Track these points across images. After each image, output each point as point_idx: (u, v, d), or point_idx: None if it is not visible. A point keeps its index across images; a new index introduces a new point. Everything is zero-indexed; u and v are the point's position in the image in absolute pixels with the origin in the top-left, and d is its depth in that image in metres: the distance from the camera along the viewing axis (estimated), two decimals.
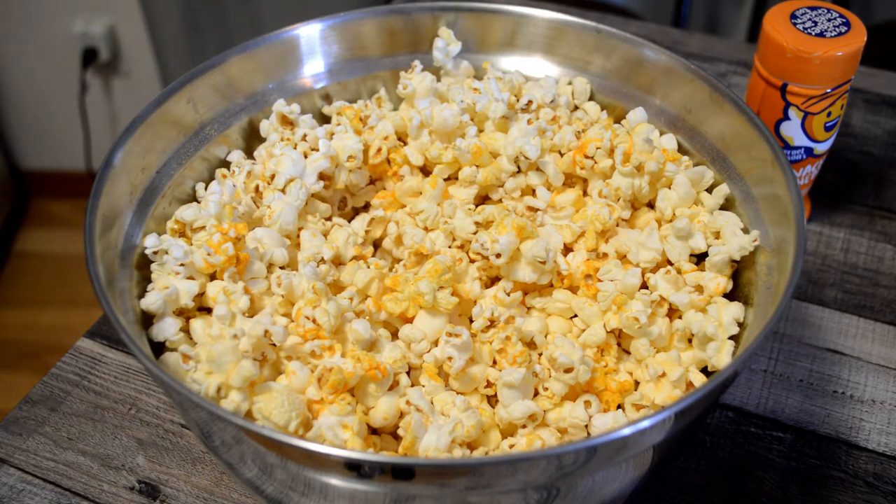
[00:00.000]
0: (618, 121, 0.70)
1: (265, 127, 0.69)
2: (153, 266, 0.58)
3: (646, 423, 0.44)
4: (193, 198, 0.65)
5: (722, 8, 1.95)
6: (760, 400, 0.69)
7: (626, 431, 0.43)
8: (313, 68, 0.72)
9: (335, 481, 0.47)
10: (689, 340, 0.59)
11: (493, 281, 0.62)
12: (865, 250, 0.82)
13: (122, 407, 0.68)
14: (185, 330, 0.57)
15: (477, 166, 0.65)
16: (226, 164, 0.68)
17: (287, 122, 0.68)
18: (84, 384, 0.70)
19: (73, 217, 2.09)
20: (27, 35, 1.87)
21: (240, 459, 0.51)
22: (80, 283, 1.92)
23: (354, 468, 0.44)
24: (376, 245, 0.67)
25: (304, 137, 0.66)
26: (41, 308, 1.89)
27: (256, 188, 0.64)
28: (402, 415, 0.54)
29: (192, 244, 0.59)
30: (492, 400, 0.58)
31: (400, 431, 0.52)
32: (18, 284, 1.95)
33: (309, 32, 0.70)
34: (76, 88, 1.91)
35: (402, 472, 0.44)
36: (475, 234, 0.61)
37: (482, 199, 0.68)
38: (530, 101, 0.68)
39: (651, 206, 0.66)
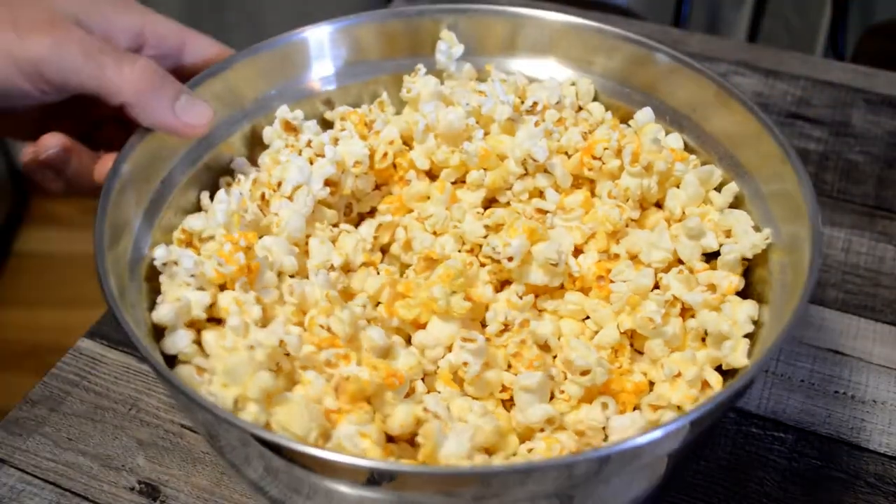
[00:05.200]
0: (623, 121, 0.70)
1: (268, 133, 0.68)
2: (162, 278, 0.57)
3: (659, 433, 0.43)
4: (198, 207, 0.64)
5: (722, 8, 1.95)
6: (761, 400, 0.69)
7: (641, 440, 0.43)
8: (315, 73, 0.71)
9: (343, 487, 0.46)
10: (703, 339, 0.59)
11: (502, 284, 0.62)
12: (866, 250, 0.82)
13: (122, 407, 0.68)
14: (197, 342, 0.55)
15: (484, 169, 0.65)
16: (229, 171, 0.67)
17: (291, 128, 0.67)
18: (84, 384, 0.70)
19: (73, 217, 2.09)
20: None
21: (244, 461, 0.51)
22: (80, 283, 1.91)
23: (373, 477, 0.44)
24: (384, 251, 0.66)
25: (308, 143, 0.65)
26: (41, 308, 1.89)
27: (262, 196, 0.62)
28: (418, 422, 0.53)
29: (200, 254, 0.58)
30: (507, 404, 0.58)
31: (419, 439, 0.51)
32: (18, 284, 1.95)
33: (309, 37, 0.70)
34: None
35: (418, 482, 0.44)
36: (485, 237, 0.61)
37: (488, 202, 0.67)
38: (535, 103, 0.68)
39: (658, 205, 0.66)
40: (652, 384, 0.58)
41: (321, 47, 0.71)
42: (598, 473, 0.45)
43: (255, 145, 0.69)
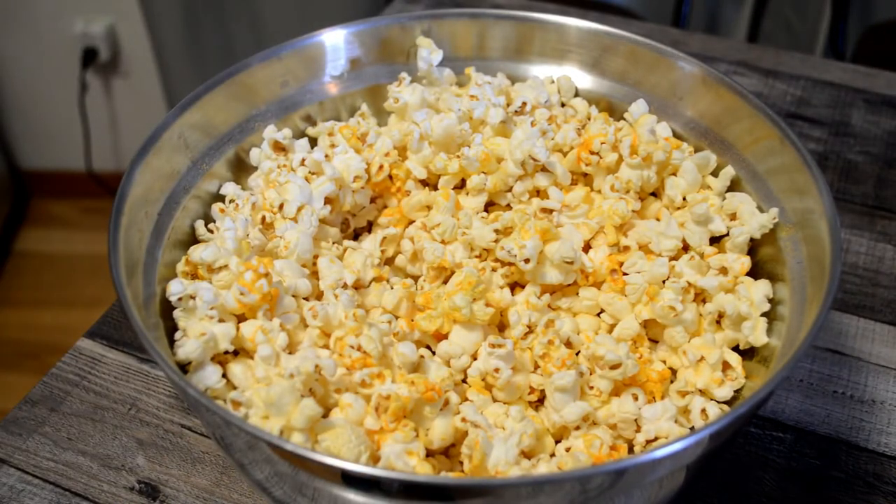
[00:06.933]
0: (607, 113, 0.71)
1: (256, 155, 0.67)
2: (177, 313, 0.56)
3: (679, 446, 0.43)
4: (193, 238, 0.63)
5: (722, 8, 1.95)
6: None
7: (659, 454, 0.43)
8: (289, 91, 0.71)
9: (351, 495, 0.46)
10: (717, 322, 0.59)
11: (512, 287, 0.62)
12: (865, 250, 0.82)
13: (121, 407, 0.68)
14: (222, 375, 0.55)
15: (485, 173, 0.65)
16: (219, 198, 0.65)
17: (280, 148, 0.67)
18: (84, 384, 0.70)
19: (73, 217, 2.09)
20: (27, 35, 1.87)
21: (252, 462, 0.51)
22: (81, 283, 1.92)
23: (423, 492, 0.44)
24: (387, 263, 0.66)
25: (303, 162, 0.64)
26: (41, 308, 1.89)
27: (263, 219, 0.62)
28: (457, 433, 0.53)
29: (212, 285, 0.57)
30: (534, 405, 0.58)
31: (464, 450, 0.51)
32: (18, 284, 1.95)
33: (279, 58, 0.69)
34: (76, 88, 1.91)
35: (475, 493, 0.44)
36: (496, 241, 0.61)
37: (486, 206, 0.67)
38: (524, 103, 0.68)
39: (654, 194, 0.66)
40: (673, 371, 0.58)
41: (290, 67, 0.70)
42: (613, 486, 0.45)
43: (240, 170, 0.68)
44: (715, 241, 0.63)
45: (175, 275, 0.59)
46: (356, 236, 0.68)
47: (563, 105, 0.72)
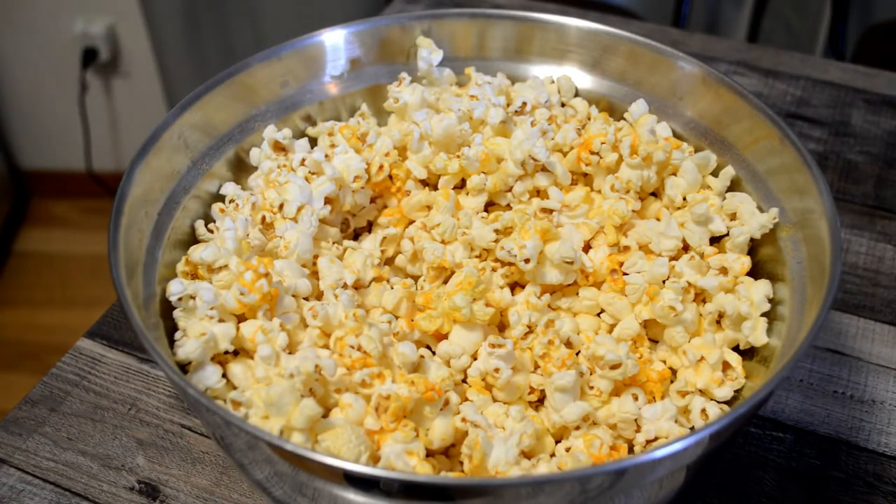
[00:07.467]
0: (607, 113, 0.71)
1: (256, 155, 0.67)
2: (177, 313, 0.56)
3: (679, 446, 0.43)
4: (193, 238, 0.63)
5: (722, 8, 1.95)
6: None
7: (659, 454, 0.43)
8: (289, 91, 0.70)
9: (351, 495, 0.46)
10: (717, 322, 0.59)
11: (512, 287, 0.62)
12: (865, 250, 0.82)
13: (121, 407, 0.68)
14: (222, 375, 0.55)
15: (485, 173, 0.65)
16: (219, 198, 0.65)
17: (280, 148, 0.67)
18: (84, 384, 0.70)
19: (73, 217, 2.09)
20: (27, 35, 1.87)
21: (252, 462, 0.51)
22: (81, 283, 1.92)
23: (430, 492, 0.44)
24: (387, 263, 0.66)
25: (303, 161, 0.64)
26: (41, 308, 1.89)
27: (263, 219, 0.62)
28: (457, 433, 0.53)
29: (212, 285, 0.57)
30: (534, 405, 0.58)
31: (464, 450, 0.51)
32: (18, 284, 1.95)
33: (279, 58, 0.69)
34: (76, 88, 1.91)
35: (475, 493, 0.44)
36: (496, 241, 0.61)
37: (486, 206, 0.67)
38: (524, 103, 0.68)
39: (654, 194, 0.66)
40: (673, 371, 0.59)
41: (290, 67, 0.70)
42: (613, 486, 0.45)
43: (240, 170, 0.68)
44: (715, 241, 0.63)
45: (175, 275, 0.59)
46: (356, 236, 0.68)
47: (563, 105, 0.72)
